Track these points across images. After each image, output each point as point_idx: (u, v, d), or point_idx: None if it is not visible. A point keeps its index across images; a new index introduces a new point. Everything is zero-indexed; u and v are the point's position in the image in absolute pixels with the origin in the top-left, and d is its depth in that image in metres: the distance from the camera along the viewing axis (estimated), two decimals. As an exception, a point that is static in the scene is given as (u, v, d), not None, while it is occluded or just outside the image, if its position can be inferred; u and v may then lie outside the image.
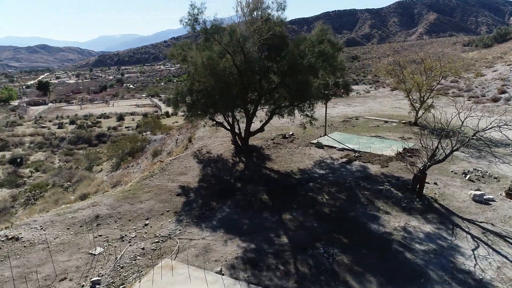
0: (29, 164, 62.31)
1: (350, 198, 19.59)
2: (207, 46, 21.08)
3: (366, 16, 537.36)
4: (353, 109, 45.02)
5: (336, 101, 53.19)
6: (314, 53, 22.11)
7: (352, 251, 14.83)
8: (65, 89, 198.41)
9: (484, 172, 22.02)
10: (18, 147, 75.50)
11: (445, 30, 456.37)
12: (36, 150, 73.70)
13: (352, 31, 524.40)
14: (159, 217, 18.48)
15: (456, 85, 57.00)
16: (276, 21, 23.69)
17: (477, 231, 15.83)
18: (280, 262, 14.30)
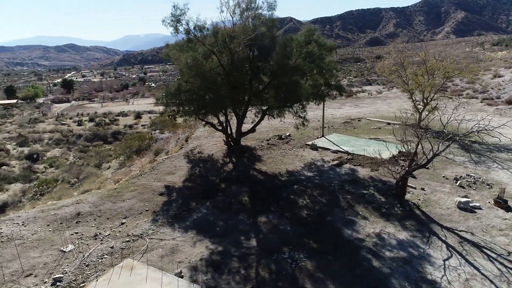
0: (44, 160, 64.31)
1: (330, 202, 19.17)
2: (190, 47, 21.07)
3: (391, 15, 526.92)
4: (359, 110, 44.15)
5: (343, 102, 52.49)
6: (301, 53, 21.75)
7: (318, 257, 14.49)
8: (88, 87, 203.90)
9: (477, 178, 21.08)
10: (37, 143, 78.02)
11: (473, 29, 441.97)
12: (54, 146, 75.98)
13: (376, 30, 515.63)
14: (136, 216, 18.63)
15: (472, 87, 54.99)
16: (265, 21, 23.41)
17: (454, 240, 15.15)
18: (243, 266, 14.12)
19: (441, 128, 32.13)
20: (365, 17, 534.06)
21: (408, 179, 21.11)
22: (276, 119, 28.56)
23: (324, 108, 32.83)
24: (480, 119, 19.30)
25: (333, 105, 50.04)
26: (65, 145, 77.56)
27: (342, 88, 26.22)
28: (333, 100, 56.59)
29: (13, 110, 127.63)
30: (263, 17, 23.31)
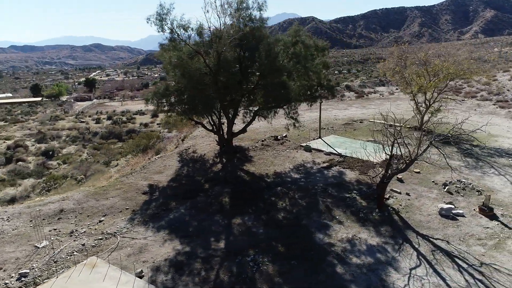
0: (59, 157, 66.20)
1: (310, 205, 18.84)
2: (174, 46, 21.13)
3: (416, 14, 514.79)
4: (364, 112, 43.26)
5: (351, 103, 51.64)
6: (288, 54, 21.48)
7: (283, 261, 14.24)
8: (111, 86, 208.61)
9: (468, 184, 20.25)
10: (55, 140, 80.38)
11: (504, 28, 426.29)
12: (70, 143, 78.05)
13: (400, 29, 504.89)
14: (116, 214, 18.86)
15: (487, 88, 52.96)
16: (255, 21, 23.22)
17: (427, 248, 14.58)
18: (205, 268, 14.05)
19: (447, 131, 31.10)
20: (389, 16, 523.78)
21: (396, 183, 20.59)
22: (277, 120, 28.29)
23: (320, 109, 32.34)
24: (457, 122, 18.42)
25: (340, 106, 49.28)
26: (80, 142, 79.57)
27: (333, 89, 25.70)
28: (341, 101, 55.83)
29: (37, 107, 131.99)
30: (253, 17, 23.12)
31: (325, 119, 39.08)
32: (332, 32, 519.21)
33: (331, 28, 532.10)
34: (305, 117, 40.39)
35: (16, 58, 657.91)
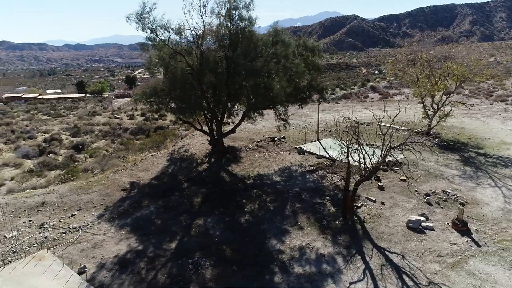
0: (87, 150, 69.48)
1: (277, 210, 18.42)
2: (155, 46, 21.36)
3: (467, 11, 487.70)
4: (377, 114, 41.53)
5: (370, 104, 49.79)
6: (268, 54, 21.10)
7: (225, 265, 14.02)
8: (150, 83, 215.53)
9: (452, 195, 18.84)
10: (88, 134, 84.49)
11: None
12: (101, 138, 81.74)
13: (449, 28, 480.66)
14: (89, 210, 19.46)
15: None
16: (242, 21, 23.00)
17: (377, 262, 13.74)
18: (148, 267, 14.13)
19: (454, 136, 29.32)
20: (437, 14, 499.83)
21: (375, 191, 19.69)
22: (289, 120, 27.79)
23: (318, 111, 31.47)
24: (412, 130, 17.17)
25: (356, 107, 47.73)
26: (110, 137, 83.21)
27: (323, 91, 24.93)
28: (360, 102, 54.08)
29: (80, 103, 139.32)
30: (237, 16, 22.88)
31: (332, 120, 37.99)
32: (375, 30, 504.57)
33: (374, 26, 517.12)
34: (314, 118, 39.60)
35: (69, 56, 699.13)
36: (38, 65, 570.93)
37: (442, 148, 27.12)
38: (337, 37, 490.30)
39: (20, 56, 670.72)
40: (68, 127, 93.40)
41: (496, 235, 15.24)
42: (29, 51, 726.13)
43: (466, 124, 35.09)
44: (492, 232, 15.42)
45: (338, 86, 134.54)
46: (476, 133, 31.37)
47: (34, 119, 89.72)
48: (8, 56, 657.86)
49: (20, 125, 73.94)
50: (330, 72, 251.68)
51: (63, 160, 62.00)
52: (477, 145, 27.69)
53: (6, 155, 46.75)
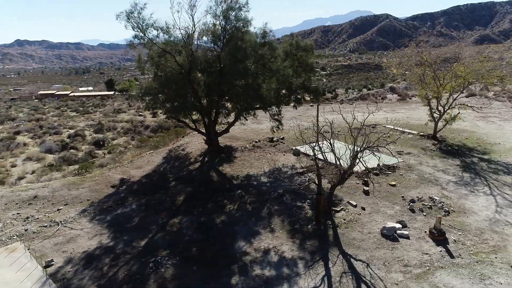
0: (107, 147, 71.49)
1: (255, 211, 18.23)
2: (144, 45, 21.61)
3: (507, 9, 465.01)
4: (387, 116, 40.28)
5: (382, 106, 48.47)
6: (256, 56, 20.93)
7: (187, 265, 14.03)
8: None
9: (438, 203, 17.95)
10: (111, 131, 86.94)
11: None
12: (122, 135, 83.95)
13: (487, 27, 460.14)
14: (75, 205, 20.02)
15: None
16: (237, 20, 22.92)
17: (339, 269, 13.30)
18: (111, 264, 14.36)
19: (462, 141, 27.96)
20: (474, 12, 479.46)
21: (359, 196, 19.14)
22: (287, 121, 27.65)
23: (318, 112, 30.82)
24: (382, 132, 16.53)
25: (370, 109, 46.44)
26: (131, 134, 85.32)
27: (316, 92, 24.47)
28: (376, 103, 52.60)
29: (108, 101, 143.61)
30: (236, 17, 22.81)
31: (337, 122, 37.23)
32: (407, 30, 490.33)
33: (406, 25, 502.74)
34: (321, 118, 38.91)
35: (103, 55, 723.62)
36: (74, 64, 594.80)
37: (445, 152, 25.93)
38: (368, 37, 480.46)
39: (58, 55, 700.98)
40: (93, 123, 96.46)
41: (474, 246, 14.40)
42: (66, 50, 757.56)
43: (479, 128, 33.40)
44: (471, 243, 14.58)
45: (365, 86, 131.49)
46: (487, 137, 29.78)
47: (63, 116, 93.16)
48: (47, 55, 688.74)
49: (49, 121, 76.97)
50: (358, 72, 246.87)
51: (82, 156, 64.03)
52: (484, 151, 26.29)
53: (31, 149, 48.78)
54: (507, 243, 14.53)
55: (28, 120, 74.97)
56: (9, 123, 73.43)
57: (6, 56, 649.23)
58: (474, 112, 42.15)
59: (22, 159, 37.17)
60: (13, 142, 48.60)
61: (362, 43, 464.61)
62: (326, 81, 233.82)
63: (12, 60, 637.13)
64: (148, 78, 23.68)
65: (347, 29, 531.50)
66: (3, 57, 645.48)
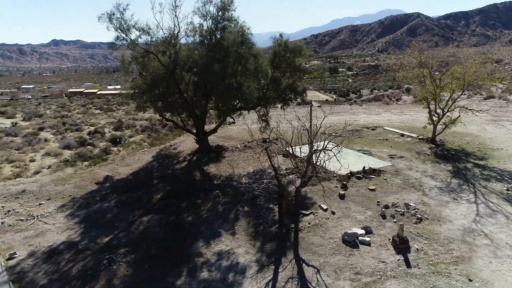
0: (123, 144, 73.23)
1: (224, 212, 18.18)
2: (128, 46, 21.95)
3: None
4: (390, 118, 39.22)
5: (394, 107, 47.36)
6: (235, 55, 20.86)
7: (141, 263, 14.17)
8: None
9: (413, 209, 17.23)
10: (129, 129, 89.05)
11: None
12: (139, 133, 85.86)
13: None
14: (56, 200, 20.65)
15: None
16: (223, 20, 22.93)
17: (287, 274, 13.02)
18: (70, 259, 14.70)
19: (462, 145, 26.78)
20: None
21: (334, 200, 18.70)
22: None
23: (311, 112, 30.25)
24: None
25: (376, 110, 45.44)
26: (148, 132, 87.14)
27: (302, 93, 24.11)
28: (387, 105, 51.30)
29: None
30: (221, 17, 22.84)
31: (338, 123, 36.52)
32: (439, 29, 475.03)
33: (439, 25, 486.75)
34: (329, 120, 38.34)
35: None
36: (106, 63, 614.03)
37: (439, 157, 24.90)
38: (397, 36, 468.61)
39: (91, 54, 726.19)
40: (113, 121, 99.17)
41: (436, 256, 13.73)
42: (99, 49, 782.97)
43: (486, 132, 31.87)
44: (434, 253, 13.91)
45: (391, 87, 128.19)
46: (491, 142, 28.38)
47: (87, 113, 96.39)
48: (81, 54, 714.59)
49: (73, 118, 79.81)
50: (386, 73, 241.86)
51: (98, 152, 65.86)
52: (482, 156, 25.05)
53: (51, 145, 50.72)
54: (473, 255, 13.77)
55: (54, 117, 77.70)
56: (36, 120, 76.49)
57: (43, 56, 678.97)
58: (488, 115, 40.48)
59: (41, 154, 38.14)
60: (36, 138, 50.52)
61: (391, 43, 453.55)
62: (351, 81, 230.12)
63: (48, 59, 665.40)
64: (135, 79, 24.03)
65: (376, 29, 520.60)
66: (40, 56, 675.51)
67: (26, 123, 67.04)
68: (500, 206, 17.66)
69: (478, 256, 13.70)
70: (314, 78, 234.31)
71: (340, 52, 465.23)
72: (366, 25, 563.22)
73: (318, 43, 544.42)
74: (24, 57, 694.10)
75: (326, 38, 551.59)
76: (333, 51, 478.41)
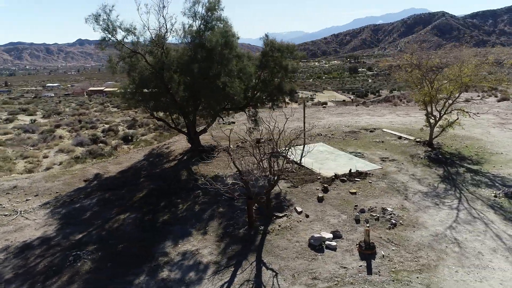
0: (134, 142, 74.37)
1: (200, 212, 18.25)
2: (115, 46, 22.26)
3: None
4: (393, 120, 38.35)
5: (394, 109, 46.18)
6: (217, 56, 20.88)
7: (103, 261, 14.36)
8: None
9: (388, 214, 16.78)
10: (143, 127, 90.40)
11: None
12: (152, 131, 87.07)
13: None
14: (43, 196, 21.17)
15: None
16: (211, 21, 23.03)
17: (244, 277, 12.90)
18: (39, 255, 15.03)
19: (459, 149, 25.96)
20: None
21: (311, 203, 18.47)
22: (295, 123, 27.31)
23: (304, 113, 29.96)
24: None
25: (381, 111, 44.55)
26: (160, 130, 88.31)
27: (292, 93, 23.87)
28: (395, 106, 50.23)
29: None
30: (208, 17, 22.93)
31: (339, 124, 36.11)
32: (465, 28, 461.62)
33: (464, 24, 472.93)
34: (324, 121, 38.12)
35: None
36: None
37: (432, 160, 24.18)
38: (421, 36, 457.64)
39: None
40: (128, 119, 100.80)
41: (401, 263, 13.33)
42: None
43: (490, 135, 30.73)
44: (399, 260, 13.51)
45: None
46: (491, 146, 27.34)
47: (104, 111, 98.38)
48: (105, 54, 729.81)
49: (90, 116, 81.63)
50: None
51: (108, 150, 67.03)
52: (478, 160, 24.18)
53: (65, 142, 52.12)
54: (440, 263, 13.30)
55: (72, 115, 79.54)
56: (55, 117, 78.53)
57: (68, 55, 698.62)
58: (497, 117, 39.05)
59: (55, 151, 38.24)
60: (51, 134, 51.76)
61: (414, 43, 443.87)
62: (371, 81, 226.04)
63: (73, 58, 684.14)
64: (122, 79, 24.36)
65: (398, 28, 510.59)
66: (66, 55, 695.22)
67: (45, 120, 68.74)
68: (483, 213, 17.00)
69: (445, 264, 13.22)
70: (333, 78, 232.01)
71: (361, 52, 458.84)
72: (389, 24, 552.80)
73: (338, 42, 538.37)
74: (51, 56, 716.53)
75: (347, 38, 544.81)
76: (354, 50, 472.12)
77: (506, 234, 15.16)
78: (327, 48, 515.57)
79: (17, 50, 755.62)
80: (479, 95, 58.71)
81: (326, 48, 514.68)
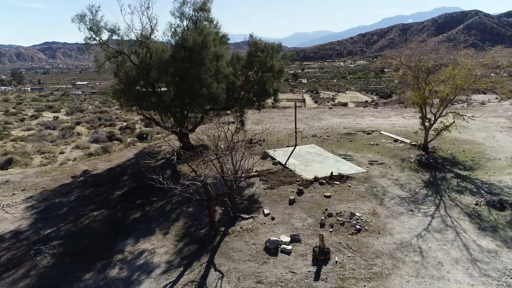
0: (148, 140, 75.71)
1: (169, 212, 18.39)
2: (101, 46, 22.71)
3: None
4: (396, 122, 37.28)
5: (402, 111, 44.86)
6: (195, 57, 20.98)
7: (63, 257, 14.72)
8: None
9: (355, 220, 16.28)
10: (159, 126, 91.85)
11: None
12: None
13: None
14: (29, 191, 21.92)
15: None
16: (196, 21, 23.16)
17: (191, 278, 12.85)
18: (5, 247, 15.59)
19: (454, 153, 25.07)
20: None
21: (281, 206, 18.23)
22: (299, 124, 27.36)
23: (296, 115, 29.53)
24: None
25: (389, 113, 43.36)
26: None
27: (275, 93, 23.62)
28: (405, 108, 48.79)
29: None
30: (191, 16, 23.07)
31: (338, 125, 35.44)
32: (500, 27, 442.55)
33: (499, 23, 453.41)
34: (324, 122, 37.58)
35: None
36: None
37: (422, 165, 23.33)
38: (452, 35, 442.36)
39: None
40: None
41: (353, 271, 12.91)
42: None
43: (493, 139, 29.32)
44: (351, 267, 13.10)
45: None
46: (491, 151, 26.07)
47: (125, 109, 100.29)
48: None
49: (111, 114, 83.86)
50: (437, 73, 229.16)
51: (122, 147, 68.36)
52: (471, 166, 23.12)
53: (83, 139, 53.93)
54: (393, 272, 12.79)
55: (93, 112, 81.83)
56: (77, 114, 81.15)
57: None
58: (509, 120, 37.24)
59: (71, 147, 39.28)
60: (71, 131, 53.43)
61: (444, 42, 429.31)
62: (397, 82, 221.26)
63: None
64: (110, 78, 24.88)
65: (428, 27, 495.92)
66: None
67: (67, 117, 71.10)
68: (457, 221, 16.23)
69: (398, 274, 12.71)
70: (358, 79, 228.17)
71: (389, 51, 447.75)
72: (418, 23, 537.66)
73: (365, 42, 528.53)
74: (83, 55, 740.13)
75: (374, 37, 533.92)
76: (381, 50, 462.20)
77: (475, 245, 14.41)
78: (353, 48, 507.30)
79: (51, 50, 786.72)
80: (497, 97, 56.20)
81: (352, 48, 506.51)
